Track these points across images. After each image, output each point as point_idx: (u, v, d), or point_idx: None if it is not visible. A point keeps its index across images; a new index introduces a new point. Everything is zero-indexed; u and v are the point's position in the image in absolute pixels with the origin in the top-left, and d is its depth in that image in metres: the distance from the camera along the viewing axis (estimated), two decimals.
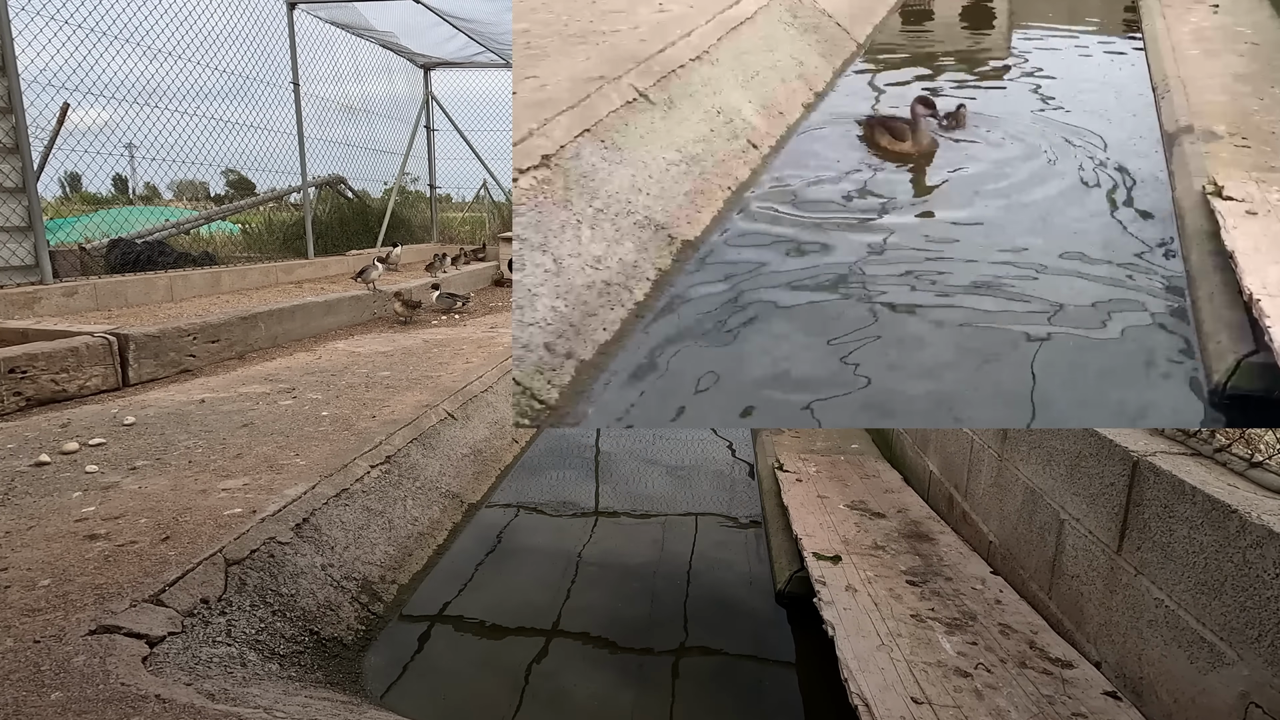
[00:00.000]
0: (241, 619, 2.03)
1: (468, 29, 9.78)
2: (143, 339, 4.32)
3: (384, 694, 2.09)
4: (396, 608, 2.52)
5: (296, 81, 8.41)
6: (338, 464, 2.93)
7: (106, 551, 2.14)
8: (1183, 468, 1.69)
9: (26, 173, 5.31)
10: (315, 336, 5.97)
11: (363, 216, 11.11)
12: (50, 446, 3.06)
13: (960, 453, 2.88)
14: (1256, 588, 1.40)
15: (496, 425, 4.19)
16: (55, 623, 1.76)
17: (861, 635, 2.02)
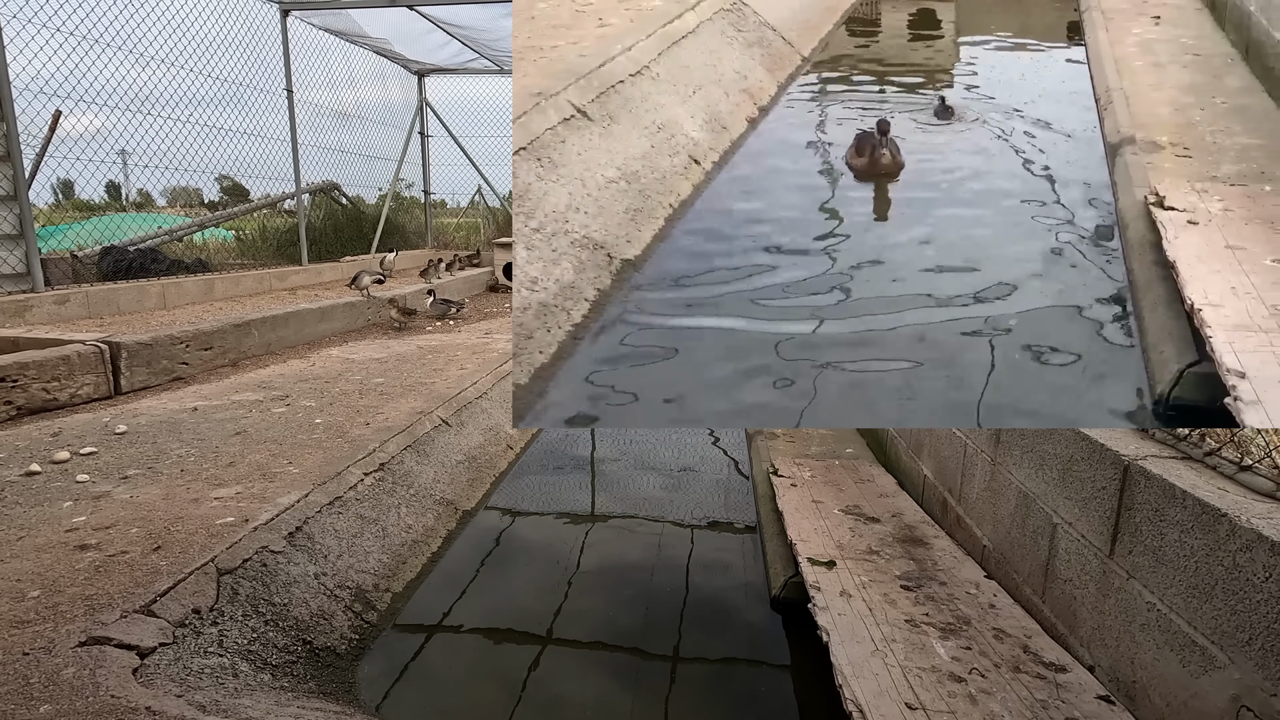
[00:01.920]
0: (233, 629, 2.02)
1: (461, 35, 9.79)
2: (135, 347, 4.30)
3: (378, 704, 2.08)
4: (390, 616, 2.51)
5: (290, 88, 8.40)
6: (331, 472, 2.92)
7: (97, 562, 2.13)
8: (1173, 471, 1.69)
9: (18, 180, 5.29)
10: (309, 343, 5.96)
11: (357, 223, 11.09)
12: (41, 456, 3.04)
13: (954, 457, 2.89)
14: (1247, 591, 1.40)
15: (491, 431, 4.18)
16: (45, 634, 1.75)
17: (856, 641, 2.02)
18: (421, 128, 12.18)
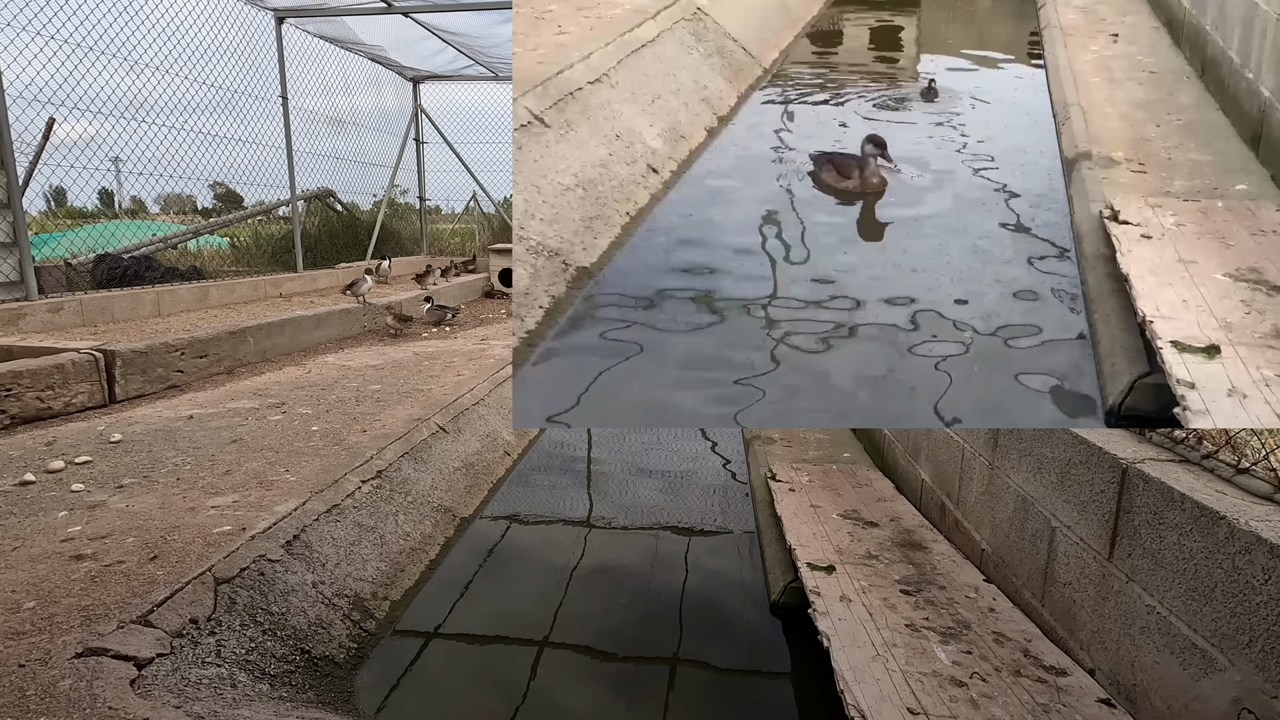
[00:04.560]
0: (231, 639, 2.00)
1: (456, 42, 9.81)
2: (130, 355, 4.28)
3: (377, 712, 2.07)
4: (389, 624, 2.50)
5: (285, 95, 8.40)
6: (328, 479, 2.91)
7: (93, 572, 2.11)
8: (1171, 475, 1.70)
9: (11, 188, 5.27)
10: (305, 350, 5.94)
11: (352, 229, 11.08)
12: (35, 465, 3.02)
13: (951, 461, 2.90)
14: (1246, 593, 1.41)
15: (488, 438, 4.17)
16: (41, 645, 1.74)
17: (857, 646, 2.02)
18: (416, 134, 12.19)
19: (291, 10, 8.15)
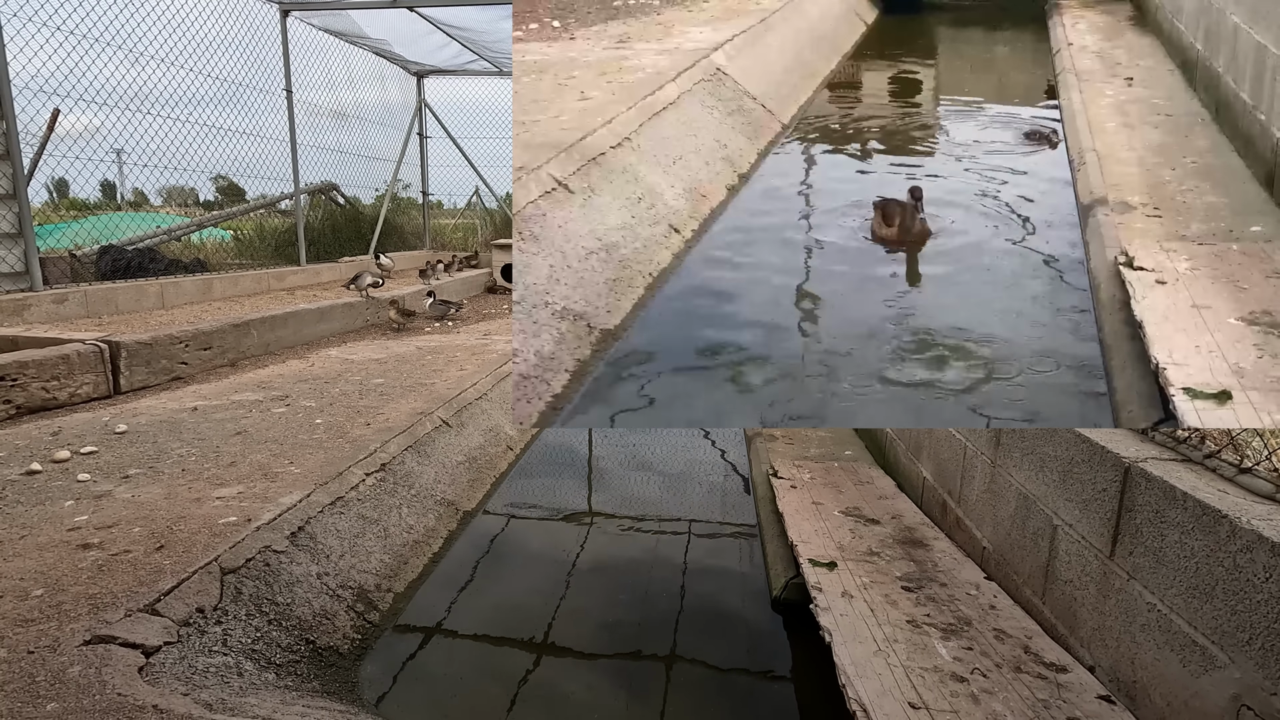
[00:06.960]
0: (237, 628, 2.02)
1: (461, 37, 9.80)
2: (134, 346, 4.30)
3: (379, 702, 2.09)
4: (392, 616, 2.52)
5: (289, 88, 8.39)
6: (332, 472, 2.92)
7: (100, 561, 2.13)
8: (1173, 473, 1.71)
9: (17, 179, 5.28)
10: (308, 344, 5.95)
11: (355, 223, 11.07)
12: (41, 455, 3.03)
13: (953, 459, 2.91)
14: (1247, 591, 1.42)
15: (491, 432, 4.18)
16: (49, 633, 1.75)
17: (858, 641, 2.04)
18: (420, 129, 12.17)
19: (297, 3, 8.14)
